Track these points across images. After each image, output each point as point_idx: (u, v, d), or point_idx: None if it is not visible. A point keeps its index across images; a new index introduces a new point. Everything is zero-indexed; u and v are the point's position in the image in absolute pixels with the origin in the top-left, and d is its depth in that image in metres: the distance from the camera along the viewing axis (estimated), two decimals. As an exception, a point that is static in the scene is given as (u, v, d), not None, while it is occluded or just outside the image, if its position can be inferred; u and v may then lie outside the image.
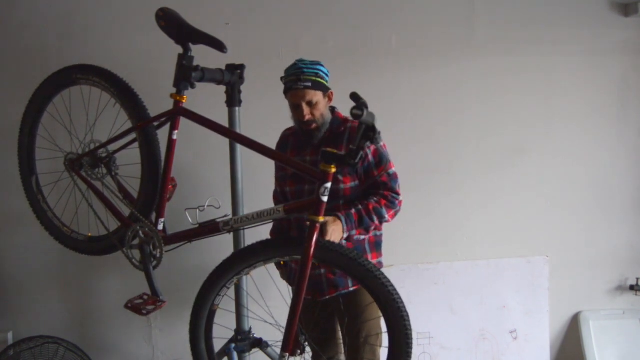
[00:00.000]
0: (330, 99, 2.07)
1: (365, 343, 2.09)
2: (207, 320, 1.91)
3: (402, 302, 1.72)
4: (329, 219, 1.84)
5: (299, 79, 1.96)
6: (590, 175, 3.05)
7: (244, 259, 1.84)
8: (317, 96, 1.98)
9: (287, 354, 1.72)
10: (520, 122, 2.98)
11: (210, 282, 1.88)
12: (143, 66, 2.68)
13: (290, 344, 1.71)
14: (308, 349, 1.90)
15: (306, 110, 1.97)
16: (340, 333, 2.27)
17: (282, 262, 1.90)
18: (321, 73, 2.01)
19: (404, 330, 1.71)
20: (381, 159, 2.03)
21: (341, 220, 1.89)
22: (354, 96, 1.63)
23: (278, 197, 2.27)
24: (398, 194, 2.04)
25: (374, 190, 2.03)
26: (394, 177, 2.05)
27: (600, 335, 3.05)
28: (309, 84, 1.96)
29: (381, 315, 2.11)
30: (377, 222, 1.98)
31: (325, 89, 2.02)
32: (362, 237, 2.08)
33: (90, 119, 2.19)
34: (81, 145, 2.14)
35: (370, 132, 1.55)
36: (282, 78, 2.04)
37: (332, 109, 2.12)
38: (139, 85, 2.09)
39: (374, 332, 2.12)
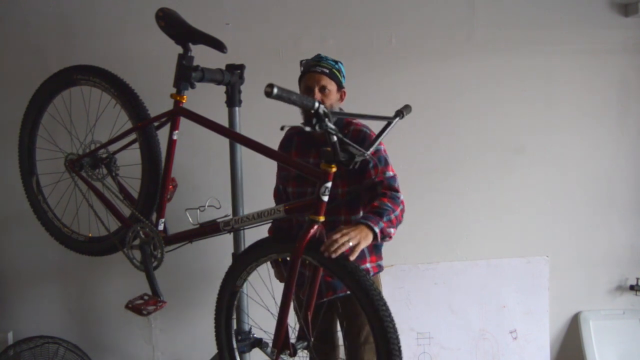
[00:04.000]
0: (342, 98, 2.08)
1: (365, 342, 2.09)
2: (228, 299, 1.95)
3: (390, 318, 1.60)
4: (347, 226, 1.73)
5: (318, 64, 2.00)
6: (590, 175, 3.05)
7: (267, 247, 1.83)
8: (331, 85, 2.00)
9: (276, 350, 1.72)
10: (520, 122, 2.98)
11: (234, 265, 1.92)
12: (143, 66, 2.68)
13: (280, 340, 1.71)
14: (303, 352, 1.89)
15: (318, 95, 1.97)
16: (338, 337, 2.26)
17: (279, 259, 1.91)
18: (339, 68, 2.05)
19: (390, 346, 1.59)
20: (379, 161, 2.00)
21: (363, 223, 1.75)
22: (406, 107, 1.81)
23: (279, 194, 2.27)
24: (397, 191, 1.97)
25: (372, 193, 1.98)
26: (392, 178, 2.00)
27: (600, 335, 3.05)
28: (327, 71, 1.99)
29: None
30: (391, 212, 1.86)
31: (340, 84, 2.05)
32: None
33: (90, 120, 2.19)
34: (81, 146, 2.15)
35: (313, 117, 1.47)
36: (301, 62, 2.07)
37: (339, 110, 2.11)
38: (139, 85, 2.09)
39: None
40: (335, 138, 1.52)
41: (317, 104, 1.46)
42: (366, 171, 1.99)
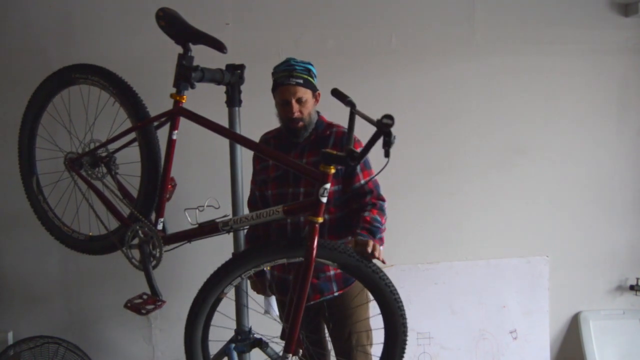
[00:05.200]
0: (317, 100, 2.06)
1: (357, 346, 2.08)
2: (211, 307, 1.88)
3: (402, 306, 1.80)
4: (359, 239, 1.79)
5: (291, 75, 1.95)
6: (590, 175, 3.05)
7: (267, 254, 1.81)
8: (307, 94, 1.98)
9: (290, 355, 1.72)
10: (520, 122, 2.98)
11: (226, 270, 1.84)
12: (143, 66, 2.68)
13: (293, 345, 1.72)
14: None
15: (295, 107, 1.96)
16: (327, 341, 2.25)
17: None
18: (312, 72, 2.01)
19: (402, 337, 1.80)
20: (365, 164, 2.00)
21: (364, 236, 1.82)
22: (336, 92, 1.67)
23: (254, 202, 2.23)
24: (384, 201, 2.01)
25: (360, 199, 1.99)
26: (377, 184, 2.03)
27: (600, 335, 3.05)
28: (301, 81, 1.96)
29: (369, 316, 2.11)
30: (382, 228, 1.93)
31: (314, 89, 2.02)
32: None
33: (89, 119, 2.19)
34: (81, 145, 2.14)
35: (387, 137, 1.47)
36: (272, 74, 2.04)
37: (316, 113, 2.10)
38: (139, 85, 2.09)
39: (364, 334, 2.11)
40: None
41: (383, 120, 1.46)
42: (354, 175, 1.99)
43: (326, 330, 2.24)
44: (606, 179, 3.06)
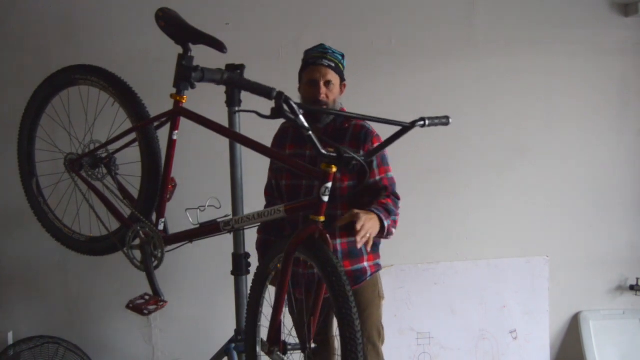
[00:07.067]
0: (342, 91, 2.08)
1: (368, 343, 2.08)
2: (262, 279, 1.89)
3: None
4: (361, 211, 1.78)
5: (325, 57, 1.99)
6: (590, 175, 3.05)
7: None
8: (336, 80, 2.01)
9: (267, 344, 1.72)
10: (520, 122, 2.99)
11: (275, 248, 1.85)
12: (143, 66, 2.68)
13: (272, 334, 1.70)
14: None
15: (323, 89, 1.97)
16: (333, 338, 2.25)
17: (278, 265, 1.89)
18: (343, 62, 2.05)
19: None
20: (382, 160, 2.00)
21: (375, 212, 1.82)
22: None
23: (271, 191, 2.19)
24: (399, 199, 2.01)
25: (374, 196, 1.97)
26: (393, 181, 2.03)
27: (600, 335, 3.05)
28: (333, 64, 1.99)
29: (381, 314, 2.12)
30: (396, 214, 1.93)
31: (342, 77, 2.05)
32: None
33: (89, 119, 2.19)
34: (81, 146, 2.14)
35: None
36: (305, 53, 2.06)
37: (340, 104, 2.10)
38: (139, 85, 2.09)
39: (375, 331, 2.11)
40: (310, 133, 1.53)
41: (274, 93, 1.45)
42: (369, 169, 1.98)
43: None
44: (606, 179, 3.06)
